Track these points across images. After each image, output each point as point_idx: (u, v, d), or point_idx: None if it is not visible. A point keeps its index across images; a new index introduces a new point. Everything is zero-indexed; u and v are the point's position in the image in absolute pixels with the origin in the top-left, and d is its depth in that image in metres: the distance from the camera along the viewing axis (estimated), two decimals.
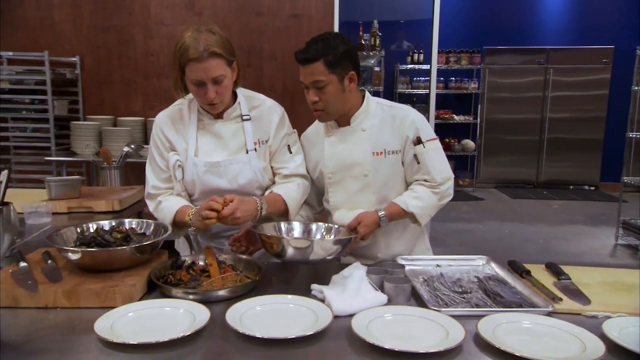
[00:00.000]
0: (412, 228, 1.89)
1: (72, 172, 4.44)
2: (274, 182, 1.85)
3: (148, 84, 4.60)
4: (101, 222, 1.69)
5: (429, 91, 4.65)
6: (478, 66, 7.74)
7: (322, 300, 1.34)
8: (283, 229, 1.74)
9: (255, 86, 1.87)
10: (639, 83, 4.97)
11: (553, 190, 7.84)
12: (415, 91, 7.61)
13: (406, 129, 1.79)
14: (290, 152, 1.84)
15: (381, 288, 1.40)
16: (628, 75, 7.85)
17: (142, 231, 1.66)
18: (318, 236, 1.73)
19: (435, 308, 1.29)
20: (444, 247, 4.88)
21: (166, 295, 1.39)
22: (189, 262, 1.58)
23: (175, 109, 1.81)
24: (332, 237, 1.71)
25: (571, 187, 8.06)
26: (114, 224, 1.68)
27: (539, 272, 1.57)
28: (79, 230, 1.60)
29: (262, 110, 1.81)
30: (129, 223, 1.69)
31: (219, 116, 1.77)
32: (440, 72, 7.36)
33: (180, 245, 1.90)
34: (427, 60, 7.47)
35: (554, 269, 1.57)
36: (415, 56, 7.31)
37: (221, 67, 1.60)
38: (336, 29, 4.41)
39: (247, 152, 1.76)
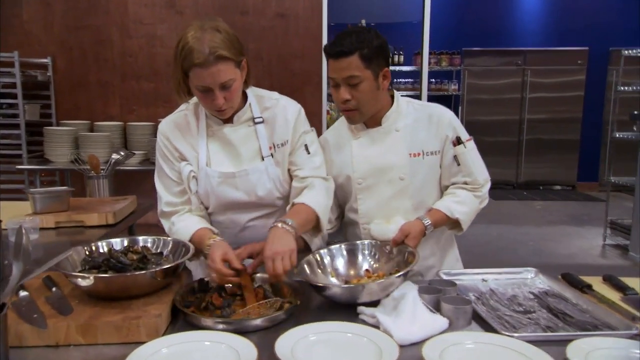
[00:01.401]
0: (445, 237, 1.76)
1: (45, 181, 4.14)
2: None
3: (126, 86, 4.35)
4: (111, 241, 1.50)
5: (420, 93, 4.57)
6: (458, 68, 7.74)
7: (375, 326, 1.19)
8: (325, 260, 1.53)
9: None
10: (624, 84, 4.98)
11: (532, 190, 7.89)
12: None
13: (445, 128, 1.65)
14: (308, 153, 1.64)
15: (436, 309, 1.26)
16: (602, 77, 8.03)
17: (159, 250, 1.47)
18: (367, 259, 1.55)
19: (507, 333, 1.14)
20: None
21: (194, 324, 1.20)
22: (216, 284, 1.39)
23: (180, 115, 1.62)
24: (384, 260, 1.53)
25: (549, 187, 8.15)
26: (126, 243, 1.49)
27: (598, 286, 1.44)
28: (87, 251, 1.40)
29: (276, 111, 1.62)
30: (144, 241, 1.50)
31: (228, 120, 1.58)
32: (416, 73, 7.29)
33: (193, 262, 1.71)
34: (408, 62, 7.46)
35: (615, 282, 1.45)
36: (396, 58, 7.25)
37: (230, 70, 1.42)
38: (324, 29, 4.28)
39: (263, 159, 1.58)
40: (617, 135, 5.03)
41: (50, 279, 1.31)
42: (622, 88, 4.99)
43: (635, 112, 4.95)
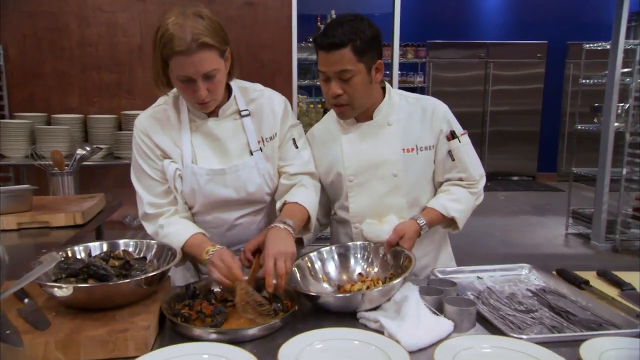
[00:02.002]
0: (439, 236, 1.71)
1: None
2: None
3: (86, 77, 4.13)
4: (89, 245, 1.38)
5: (391, 84, 4.53)
6: (423, 60, 7.77)
7: (378, 331, 1.14)
8: (316, 265, 1.46)
9: None
10: (585, 77, 5.11)
11: (496, 181, 8.06)
12: None
13: (439, 122, 1.59)
14: (297, 147, 1.57)
15: (438, 309, 1.22)
16: (560, 70, 8.26)
17: (142, 254, 1.36)
18: (360, 263, 1.49)
19: (516, 335, 1.11)
20: None
21: (185, 335, 1.12)
22: (203, 289, 1.31)
23: (158, 109, 1.50)
24: (377, 263, 1.47)
25: (509, 177, 8.34)
26: (105, 247, 1.37)
27: (593, 281, 1.44)
28: (62, 256, 1.28)
29: (262, 102, 1.54)
30: (125, 245, 1.39)
31: (211, 114, 1.49)
32: (386, 66, 7.29)
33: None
34: None
35: (610, 277, 1.45)
36: None
37: (213, 59, 1.32)
38: (294, 19, 4.18)
39: (252, 154, 1.50)
40: (579, 127, 5.17)
41: (22, 289, 1.19)
42: (583, 81, 5.12)
43: (596, 105, 5.10)
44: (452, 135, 1.59)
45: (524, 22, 8.06)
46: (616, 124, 4.67)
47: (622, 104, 4.68)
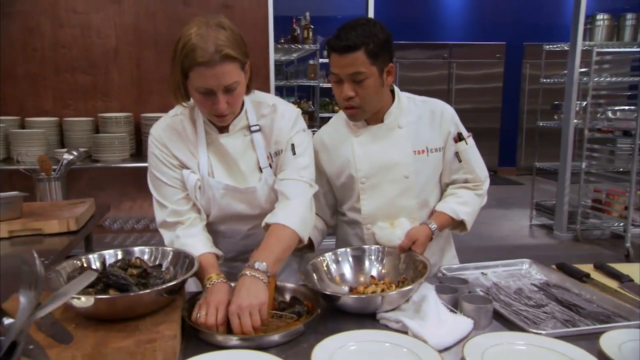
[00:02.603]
0: (444, 237, 1.75)
1: None
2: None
3: (60, 79, 4.05)
4: (104, 253, 1.35)
5: None
6: None
7: (401, 331, 1.18)
8: (332, 267, 1.50)
9: None
10: (546, 76, 5.39)
11: None
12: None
13: (447, 124, 1.63)
14: (294, 154, 1.50)
15: (454, 307, 1.28)
16: (518, 69, 8.64)
17: (157, 262, 1.36)
18: (375, 265, 1.52)
19: (535, 330, 1.16)
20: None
21: (209, 342, 1.14)
22: None
23: (175, 119, 1.49)
24: (390, 267, 1.50)
25: None
26: (120, 254, 1.36)
27: (592, 275, 1.50)
28: (77, 265, 1.28)
29: (274, 118, 1.50)
30: (140, 252, 1.38)
31: (223, 129, 1.47)
32: None
33: None
34: None
35: (607, 270, 1.54)
36: None
37: (235, 72, 1.30)
38: (270, 20, 4.24)
39: (261, 171, 1.49)
40: (541, 124, 5.45)
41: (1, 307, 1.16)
42: (544, 80, 5.40)
43: (556, 102, 5.39)
44: (459, 137, 1.64)
45: (484, 24, 8.40)
46: (575, 121, 4.97)
47: (580, 102, 4.98)
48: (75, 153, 2.70)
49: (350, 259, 1.54)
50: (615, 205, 4.88)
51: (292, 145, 1.51)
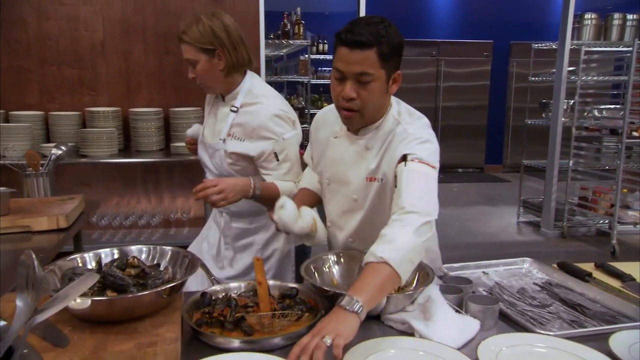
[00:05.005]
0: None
1: None
2: None
3: (46, 72, 3.95)
4: (99, 252, 1.32)
5: None
6: None
7: (406, 332, 1.17)
8: (334, 268, 1.47)
9: (174, 75, 1.81)
10: (534, 74, 5.44)
11: (448, 174, 8.39)
12: (321, 81, 7.59)
13: (402, 148, 1.39)
14: (277, 160, 1.75)
15: (459, 307, 1.26)
16: (504, 67, 8.71)
17: (154, 261, 1.33)
18: None
19: (543, 332, 1.15)
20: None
21: (211, 345, 1.11)
22: (221, 295, 1.30)
23: None
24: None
25: (460, 170, 8.72)
26: (116, 254, 1.32)
27: (594, 274, 1.50)
28: (71, 264, 1.24)
29: (253, 111, 1.75)
30: (138, 251, 1.35)
31: (223, 98, 1.85)
32: None
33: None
34: (332, 51, 7.53)
35: (608, 269, 1.54)
36: (320, 46, 7.29)
37: (189, 52, 1.70)
38: (261, 15, 4.20)
39: (219, 140, 1.80)
40: (529, 122, 5.49)
41: None
42: (532, 78, 5.44)
43: (544, 101, 5.43)
44: (403, 158, 1.36)
45: (472, 22, 8.45)
46: (563, 119, 5.01)
47: (568, 101, 5.03)
48: (63, 148, 2.64)
49: (351, 261, 1.50)
50: (602, 203, 4.94)
51: (275, 153, 1.74)
